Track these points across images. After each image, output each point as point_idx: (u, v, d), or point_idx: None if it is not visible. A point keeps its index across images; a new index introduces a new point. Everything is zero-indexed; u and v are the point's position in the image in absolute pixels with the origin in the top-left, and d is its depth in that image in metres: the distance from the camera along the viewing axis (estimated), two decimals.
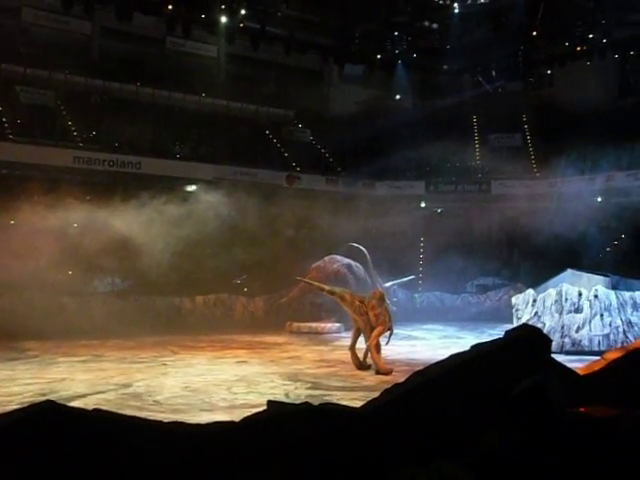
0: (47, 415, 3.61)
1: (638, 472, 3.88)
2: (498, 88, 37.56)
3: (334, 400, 9.91)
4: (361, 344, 14.69)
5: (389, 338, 14.73)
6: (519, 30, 31.83)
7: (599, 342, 16.50)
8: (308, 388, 12.04)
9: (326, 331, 22.29)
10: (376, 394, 4.78)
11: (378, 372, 13.85)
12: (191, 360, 15.67)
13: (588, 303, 16.91)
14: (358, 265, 23.10)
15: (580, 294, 17.08)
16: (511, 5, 30.78)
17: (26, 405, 3.87)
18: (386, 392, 4.65)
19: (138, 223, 20.55)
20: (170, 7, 28.92)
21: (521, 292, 19.72)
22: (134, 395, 11.34)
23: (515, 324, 16.69)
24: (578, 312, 16.96)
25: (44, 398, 8.64)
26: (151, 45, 31.82)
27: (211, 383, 12.53)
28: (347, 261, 23.20)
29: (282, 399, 10.23)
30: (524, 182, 31.65)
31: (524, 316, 17.77)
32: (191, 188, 27.39)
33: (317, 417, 4.23)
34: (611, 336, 16.54)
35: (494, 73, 36.93)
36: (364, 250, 22.73)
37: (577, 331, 16.78)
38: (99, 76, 29.52)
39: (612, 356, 5.47)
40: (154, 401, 10.83)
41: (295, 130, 34.06)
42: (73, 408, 3.93)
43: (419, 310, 27.39)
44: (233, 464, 3.89)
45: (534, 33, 32.70)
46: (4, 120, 25.48)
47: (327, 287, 15.61)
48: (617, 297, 16.89)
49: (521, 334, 5.25)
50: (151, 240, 20.32)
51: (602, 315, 16.74)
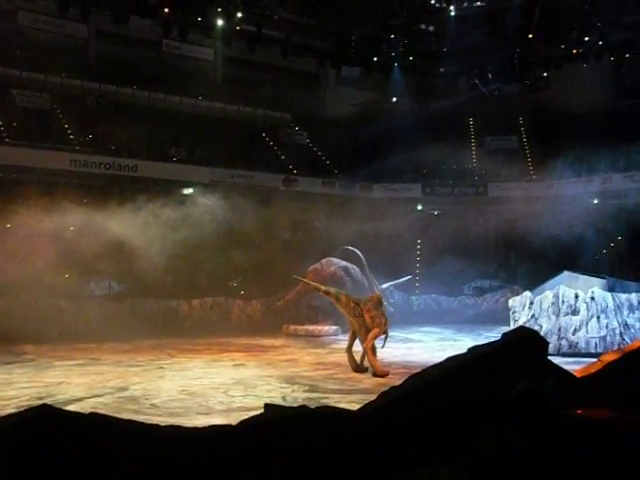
0: (44, 419, 3.60)
1: (635, 474, 3.88)
2: (494, 91, 37.61)
3: (331, 403, 9.92)
4: (358, 347, 14.70)
5: (384, 341, 14.75)
6: (515, 33, 31.86)
7: (596, 344, 16.53)
8: (305, 391, 12.04)
9: (323, 334, 22.30)
10: (373, 397, 4.78)
11: (375, 374, 13.87)
12: (188, 363, 15.66)
13: (585, 305, 16.93)
14: (355, 267, 23.10)
15: (577, 296, 17.10)
16: (507, 8, 30.80)
17: (23, 409, 3.86)
18: (383, 395, 4.65)
19: (135, 226, 20.50)
20: (166, 10, 28.85)
21: (518, 294, 19.72)
22: (131, 398, 11.33)
23: (512, 326, 16.70)
24: (575, 314, 16.98)
25: (41, 402, 8.60)
26: (147, 48, 31.80)
27: (208, 386, 12.52)
28: (344, 263, 23.20)
29: (279, 402, 10.22)
30: (521, 184, 31.67)
31: (521, 318, 17.77)
32: (188, 191, 27.37)
33: (314, 420, 4.22)
34: (608, 338, 16.57)
35: (490, 76, 36.98)
36: (359, 253, 22.71)
37: (574, 333, 16.79)
38: (95, 79, 29.51)
39: (609, 358, 5.47)
40: (151, 404, 10.82)
41: (292, 133, 34.08)
42: (69, 412, 3.92)
43: (416, 313, 27.41)
44: (230, 468, 3.88)
45: (530, 36, 32.73)
46: (0, 123, 25.46)
47: (323, 287, 15.74)
48: (614, 299, 16.92)
49: (518, 336, 5.25)
50: (148, 243, 20.28)
51: (599, 317, 16.76)
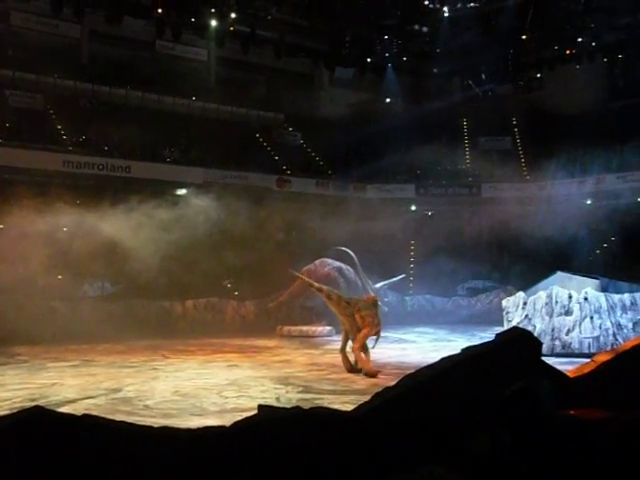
0: (36, 421, 3.59)
1: (627, 474, 3.89)
2: (488, 91, 37.69)
3: (325, 404, 9.91)
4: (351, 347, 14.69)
5: (375, 342, 14.73)
6: (509, 34, 31.93)
7: (589, 344, 16.55)
8: (299, 392, 12.01)
9: (317, 334, 22.31)
10: (367, 397, 4.77)
11: (366, 374, 13.83)
12: (181, 364, 15.63)
13: (578, 306, 16.95)
14: (349, 268, 23.13)
15: (570, 297, 17.11)
16: (501, 9, 30.87)
17: (15, 411, 3.84)
18: (377, 395, 4.65)
19: (128, 227, 20.47)
20: (160, 10, 28.85)
21: (511, 295, 19.73)
22: (124, 400, 11.29)
23: (506, 327, 16.72)
24: (568, 315, 16.99)
25: (34, 403, 8.58)
26: (141, 49, 31.76)
27: (202, 387, 12.49)
28: (338, 264, 23.21)
29: (273, 403, 10.20)
30: (514, 185, 31.75)
31: (514, 319, 17.78)
32: (181, 192, 27.34)
33: (308, 421, 4.22)
34: (601, 338, 16.59)
35: (484, 76, 37.07)
36: (351, 253, 22.74)
37: (567, 334, 16.81)
38: (88, 80, 29.48)
39: (602, 358, 5.48)
40: (144, 406, 10.78)
41: (285, 133, 34.08)
42: (62, 414, 3.91)
43: (410, 313, 27.45)
44: (224, 469, 3.87)
45: (524, 37, 32.86)
46: None
47: (316, 284, 15.86)
48: (607, 299, 16.94)
49: (511, 337, 5.25)
50: (141, 244, 20.23)
51: (592, 317, 16.78)
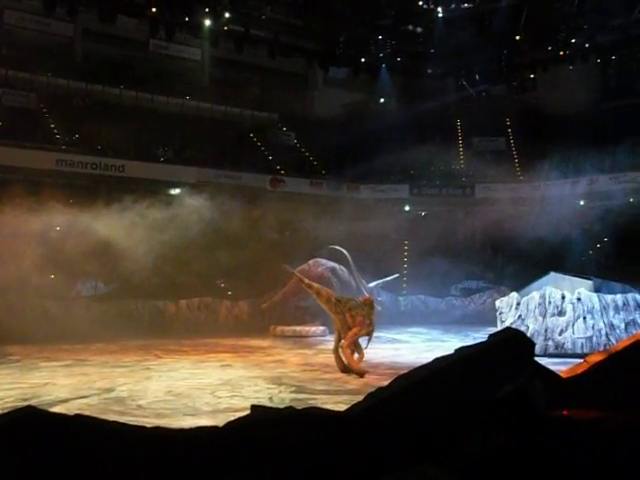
0: (28, 421, 3.57)
1: (621, 475, 3.89)
2: (482, 92, 37.81)
3: (318, 404, 9.90)
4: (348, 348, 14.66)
5: (368, 342, 14.69)
6: (502, 34, 32.01)
7: (582, 345, 16.58)
8: (292, 392, 12.00)
9: (310, 334, 22.29)
10: (360, 397, 4.76)
11: (356, 373, 13.76)
12: (175, 364, 15.59)
13: (571, 306, 16.98)
14: (342, 268, 23.10)
15: (563, 297, 17.15)
16: (494, 10, 30.96)
17: (7, 411, 3.82)
18: (370, 396, 4.64)
19: (121, 226, 20.43)
20: (154, 10, 28.81)
21: (505, 295, 19.79)
22: (117, 400, 11.26)
23: (499, 327, 16.73)
24: (561, 315, 17.03)
25: (26, 403, 8.57)
26: (134, 48, 31.73)
27: (195, 387, 12.46)
28: (331, 264, 23.19)
29: (266, 403, 10.19)
30: (508, 185, 31.84)
31: (508, 319, 17.81)
32: (175, 191, 27.34)
33: (301, 421, 4.21)
34: (594, 339, 16.62)
35: (478, 77, 37.16)
36: (345, 252, 22.73)
37: (560, 334, 16.85)
38: (82, 79, 29.44)
39: (595, 359, 5.48)
40: (137, 406, 10.75)
41: (279, 133, 34.10)
42: (54, 414, 3.89)
43: (403, 313, 27.45)
44: (216, 469, 3.87)
45: (517, 37, 32.94)
46: None
47: (306, 280, 15.71)
48: (600, 300, 16.98)
49: (505, 337, 5.24)
50: (134, 243, 20.20)
51: (585, 318, 16.82)
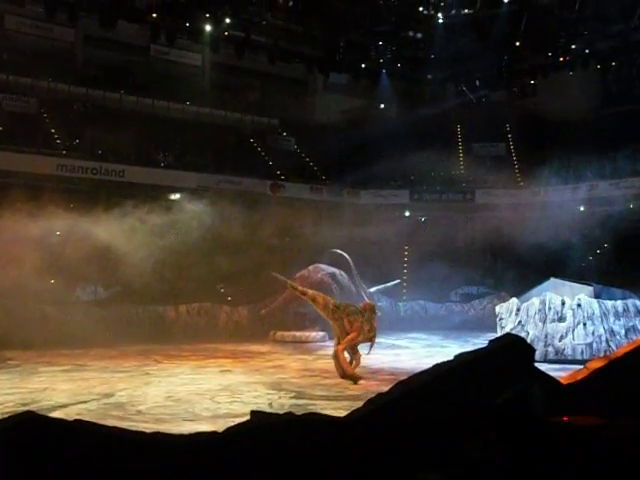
0: (27, 426, 3.57)
1: None
2: (482, 98, 37.85)
3: (318, 409, 9.87)
4: (345, 353, 14.63)
5: (370, 349, 14.63)
6: (503, 40, 32.02)
7: (582, 351, 16.55)
8: (292, 397, 11.99)
9: (310, 340, 22.25)
10: (360, 403, 4.76)
11: (352, 378, 13.70)
12: (174, 369, 15.57)
13: (571, 312, 16.96)
14: (342, 273, 23.06)
15: (563, 303, 17.13)
16: (495, 16, 30.98)
17: (6, 416, 3.82)
18: (370, 402, 4.64)
19: (121, 231, 20.43)
20: (154, 15, 28.83)
21: (505, 301, 19.75)
22: (116, 405, 11.25)
23: (499, 333, 16.74)
24: (561, 321, 17.01)
25: (25, 408, 8.56)
26: (135, 53, 31.79)
27: (194, 393, 12.45)
28: (331, 270, 23.15)
29: (266, 409, 10.18)
30: (508, 191, 31.83)
31: (508, 325, 17.79)
32: (175, 196, 27.34)
33: (301, 427, 4.21)
34: (594, 345, 16.60)
35: (478, 83, 37.19)
36: (346, 256, 22.71)
37: (560, 340, 16.83)
38: (82, 84, 29.47)
39: (595, 365, 5.48)
40: (137, 411, 10.75)
41: (280, 139, 34.12)
42: (54, 419, 3.89)
43: (403, 319, 27.41)
44: (216, 475, 3.86)
45: (517, 43, 32.95)
46: None
47: (300, 287, 15.62)
48: (600, 306, 16.96)
49: (505, 343, 5.25)
50: (134, 249, 20.20)
51: (585, 324, 16.80)
